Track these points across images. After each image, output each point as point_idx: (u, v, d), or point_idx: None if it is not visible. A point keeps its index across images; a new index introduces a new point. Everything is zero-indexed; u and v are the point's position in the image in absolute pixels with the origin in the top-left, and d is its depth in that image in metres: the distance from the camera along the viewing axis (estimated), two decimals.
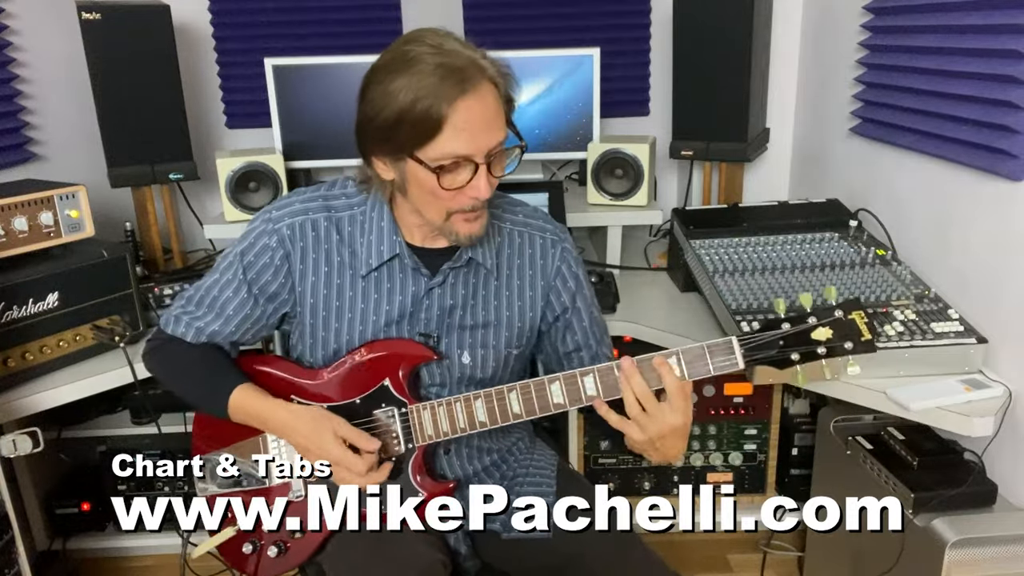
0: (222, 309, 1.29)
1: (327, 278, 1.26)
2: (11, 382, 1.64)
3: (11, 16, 2.21)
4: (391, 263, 1.26)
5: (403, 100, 1.08)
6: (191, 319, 1.31)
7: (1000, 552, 1.38)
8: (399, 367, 1.25)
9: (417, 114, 1.08)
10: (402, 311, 1.27)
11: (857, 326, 1.14)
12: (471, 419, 1.23)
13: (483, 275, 1.30)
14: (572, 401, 1.20)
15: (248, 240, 1.27)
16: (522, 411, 1.21)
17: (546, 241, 1.34)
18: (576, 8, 2.55)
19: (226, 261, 1.28)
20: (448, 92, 1.07)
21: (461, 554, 1.35)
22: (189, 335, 1.31)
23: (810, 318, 1.15)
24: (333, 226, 1.26)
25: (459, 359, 1.29)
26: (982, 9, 1.58)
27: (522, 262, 1.33)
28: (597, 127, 2.31)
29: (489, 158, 1.13)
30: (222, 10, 2.52)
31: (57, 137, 2.35)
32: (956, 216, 1.69)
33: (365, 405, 1.26)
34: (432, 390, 1.30)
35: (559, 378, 1.20)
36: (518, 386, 1.21)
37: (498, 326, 1.31)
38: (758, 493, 2.18)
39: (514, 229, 1.33)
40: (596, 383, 1.18)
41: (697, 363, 1.16)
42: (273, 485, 1.29)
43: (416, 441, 1.25)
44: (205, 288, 1.30)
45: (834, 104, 2.24)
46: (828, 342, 1.15)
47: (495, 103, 1.13)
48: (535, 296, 1.34)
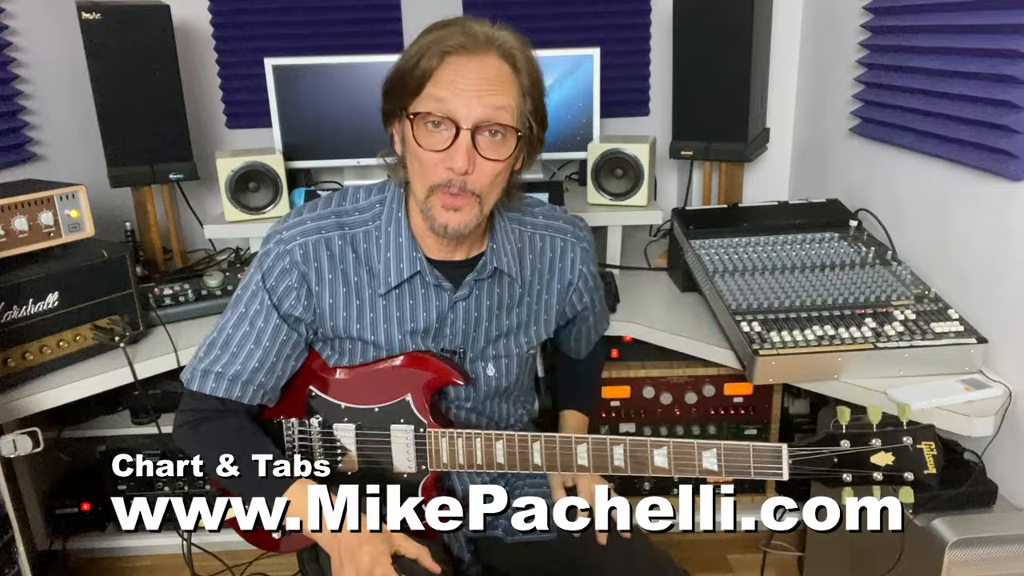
0: (257, 342, 1.20)
1: (346, 299, 1.20)
2: (11, 382, 1.64)
3: (11, 16, 2.20)
4: (412, 280, 1.21)
5: (410, 53, 1.10)
6: (220, 369, 1.21)
7: (1000, 552, 1.38)
8: (424, 385, 1.22)
9: (410, 65, 1.08)
10: (427, 327, 1.23)
11: (923, 457, 1.05)
12: (489, 459, 1.19)
13: (507, 284, 1.27)
14: (597, 467, 1.17)
15: (265, 265, 1.20)
16: (543, 464, 1.18)
17: (567, 244, 1.31)
18: (576, 8, 2.55)
19: (247, 293, 1.21)
20: (446, 47, 1.06)
21: (464, 561, 1.34)
22: (221, 389, 1.20)
23: (874, 440, 1.06)
24: (348, 244, 1.19)
25: (484, 373, 1.28)
26: (982, 9, 1.58)
27: (542, 267, 1.30)
28: (597, 127, 2.31)
29: (477, 129, 1.07)
30: (222, 10, 2.52)
31: (57, 137, 2.35)
32: (956, 216, 1.69)
33: (383, 415, 1.23)
34: (455, 404, 1.29)
35: (587, 440, 1.17)
36: (543, 438, 1.18)
37: (519, 332, 1.30)
38: (758, 493, 2.18)
39: (535, 233, 1.29)
40: (625, 456, 1.15)
41: (738, 462, 1.11)
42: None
43: (429, 465, 1.23)
44: (231, 327, 1.21)
45: (834, 104, 2.24)
46: (887, 468, 1.06)
47: (498, 76, 1.09)
48: (552, 299, 1.32)
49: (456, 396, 1.28)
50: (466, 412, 1.31)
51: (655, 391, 2.11)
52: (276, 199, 2.14)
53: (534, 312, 1.31)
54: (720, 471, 1.12)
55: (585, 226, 1.35)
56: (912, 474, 1.06)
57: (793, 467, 1.09)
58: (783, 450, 1.09)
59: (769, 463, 1.10)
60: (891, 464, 1.06)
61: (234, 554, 2.08)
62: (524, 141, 1.14)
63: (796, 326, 1.59)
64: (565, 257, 1.31)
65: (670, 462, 1.14)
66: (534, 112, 1.14)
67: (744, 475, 1.12)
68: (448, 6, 2.52)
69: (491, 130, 1.09)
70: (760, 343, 1.55)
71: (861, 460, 1.07)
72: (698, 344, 1.80)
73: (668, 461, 1.14)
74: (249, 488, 1.16)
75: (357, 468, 1.25)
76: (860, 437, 1.07)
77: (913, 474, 1.06)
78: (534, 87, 1.13)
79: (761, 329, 1.59)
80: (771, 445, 1.10)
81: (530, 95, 1.12)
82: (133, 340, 1.80)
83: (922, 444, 1.05)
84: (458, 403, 1.29)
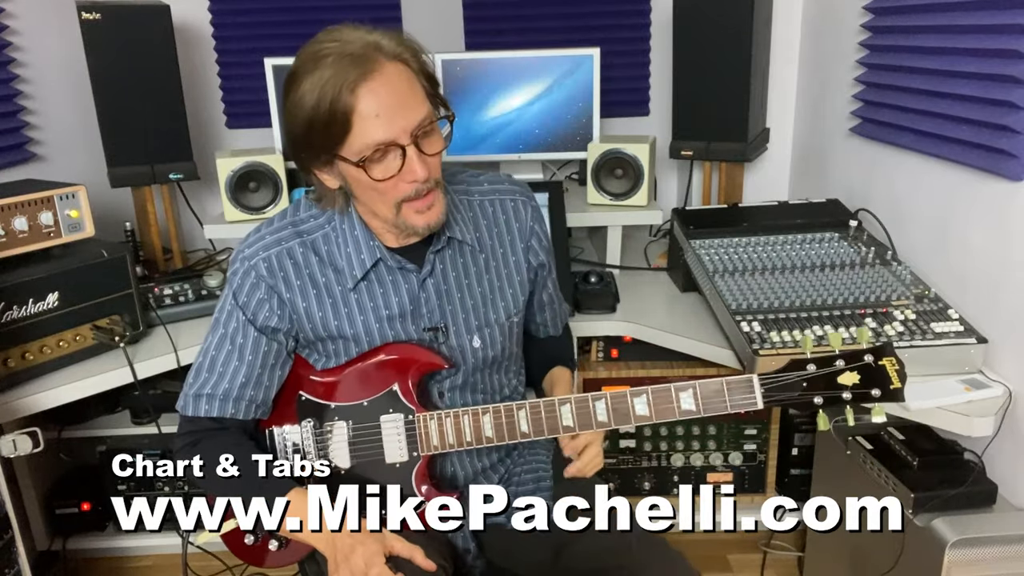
0: (240, 358, 1.23)
1: (319, 300, 1.24)
2: (11, 382, 1.64)
3: (11, 16, 2.20)
4: (376, 268, 1.24)
5: (309, 103, 1.06)
6: (210, 391, 1.24)
7: (1000, 552, 1.38)
8: (409, 372, 1.24)
9: (324, 114, 1.06)
10: (402, 311, 1.26)
11: (887, 373, 1.10)
12: (478, 434, 1.22)
13: (468, 252, 1.29)
14: (582, 425, 1.20)
15: (235, 284, 1.24)
16: (530, 431, 1.21)
17: (517, 203, 1.33)
18: (576, 8, 2.55)
19: (224, 314, 1.25)
20: (348, 82, 1.05)
21: (470, 553, 1.34)
22: (214, 410, 1.24)
23: (837, 361, 1.12)
24: (309, 250, 1.23)
25: (470, 344, 1.29)
26: (982, 9, 1.58)
27: (499, 229, 1.32)
28: (597, 127, 2.31)
29: (415, 138, 1.10)
30: (222, 10, 2.52)
31: (57, 137, 2.35)
32: (956, 216, 1.69)
33: (372, 408, 1.25)
34: (448, 382, 1.30)
35: (570, 400, 1.20)
36: (528, 404, 1.20)
37: (495, 299, 1.31)
38: (758, 493, 2.18)
39: (483, 199, 1.32)
40: (608, 410, 1.18)
41: (714, 399, 1.15)
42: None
43: (421, 451, 1.24)
44: (213, 348, 1.25)
45: (834, 104, 2.24)
46: (854, 387, 1.11)
47: (405, 81, 1.10)
48: (519, 259, 1.33)
49: (446, 374, 1.29)
50: (460, 390, 1.31)
51: None
52: (276, 199, 2.14)
53: (504, 276, 1.32)
54: (698, 410, 1.15)
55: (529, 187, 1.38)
56: (879, 390, 1.11)
57: (766, 395, 1.13)
58: (754, 380, 1.13)
59: (743, 394, 1.14)
60: (857, 383, 1.11)
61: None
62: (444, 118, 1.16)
63: (796, 326, 1.59)
64: (520, 216, 1.33)
65: (650, 409, 1.18)
66: (431, 84, 1.15)
67: (721, 410, 1.15)
68: (448, 6, 2.53)
69: (425, 130, 1.12)
70: (760, 343, 1.55)
71: (829, 381, 1.12)
72: (698, 344, 1.80)
73: (648, 408, 1.18)
74: (250, 489, 1.17)
75: (350, 465, 1.25)
76: (824, 360, 1.12)
77: (880, 390, 1.11)
78: (422, 66, 1.14)
79: (761, 329, 1.59)
80: (742, 377, 1.14)
81: (423, 75, 1.14)
82: (133, 340, 1.80)
83: (884, 360, 1.11)
84: (451, 381, 1.30)
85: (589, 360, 2.13)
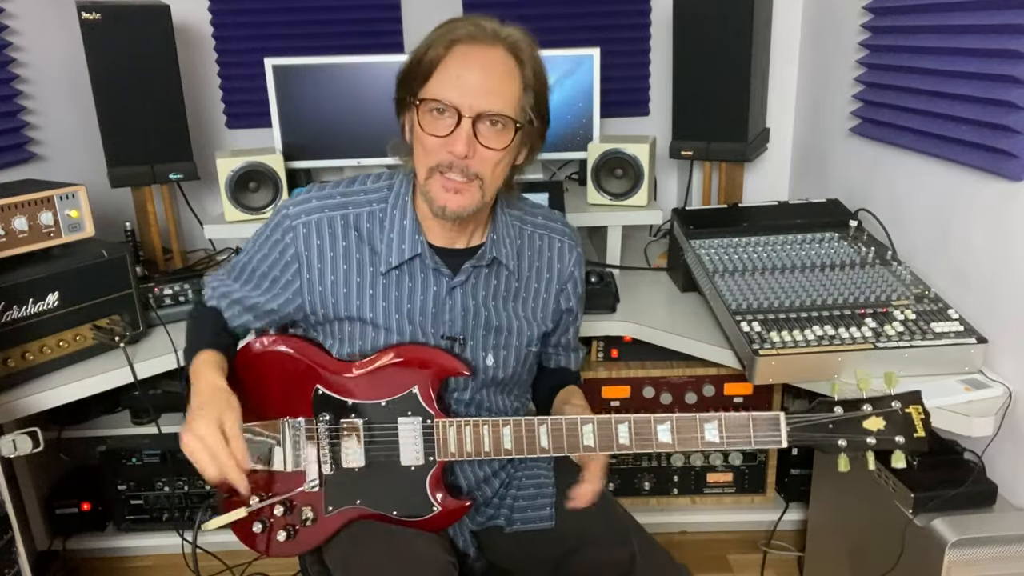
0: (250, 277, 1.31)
1: (346, 276, 1.25)
2: (11, 382, 1.64)
3: (11, 16, 2.21)
4: (412, 262, 1.25)
5: (420, 45, 1.15)
6: (219, 285, 1.36)
7: (1000, 552, 1.38)
8: (430, 377, 1.24)
9: (420, 54, 1.14)
10: (423, 310, 1.26)
11: (912, 421, 1.10)
12: (497, 445, 1.22)
13: (504, 276, 1.30)
14: (603, 447, 1.20)
15: (267, 231, 1.28)
16: (550, 447, 1.21)
17: (564, 245, 1.36)
18: (576, 8, 2.55)
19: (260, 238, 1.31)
20: (452, 38, 1.12)
21: (470, 555, 1.35)
22: (213, 299, 1.35)
23: (865, 406, 1.12)
24: (350, 225, 1.24)
25: (483, 362, 1.29)
26: (982, 9, 1.58)
27: (541, 265, 1.34)
28: (597, 127, 2.31)
29: (478, 119, 1.11)
30: (222, 10, 2.52)
31: (57, 137, 2.35)
32: (956, 216, 1.69)
33: (390, 409, 1.24)
34: (455, 394, 1.30)
35: (592, 421, 1.19)
36: (549, 420, 1.20)
37: (520, 328, 1.31)
38: (758, 493, 2.17)
39: (535, 232, 1.34)
40: (630, 433, 1.18)
41: (739, 433, 1.15)
42: (289, 472, 1.26)
43: (437, 456, 1.24)
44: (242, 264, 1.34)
45: (834, 104, 2.24)
46: (879, 433, 1.11)
47: (502, 67, 1.14)
48: (548, 298, 1.35)
49: (456, 386, 1.29)
50: (465, 403, 1.31)
51: (655, 391, 2.11)
52: (276, 199, 2.14)
53: (530, 308, 1.33)
54: (721, 443, 1.14)
55: (577, 232, 1.41)
56: (903, 438, 1.10)
57: (791, 434, 1.13)
58: (781, 418, 1.13)
59: (768, 432, 1.14)
60: (882, 429, 1.11)
61: (234, 554, 2.08)
62: (524, 133, 1.17)
63: (796, 326, 1.59)
64: (564, 258, 1.35)
65: (673, 437, 1.17)
66: (536, 107, 1.18)
67: (745, 445, 1.14)
68: (448, 6, 2.52)
69: (492, 120, 1.13)
70: (760, 343, 1.55)
71: (854, 425, 1.11)
72: (698, 344, 1.80)
73: (672, 436, 1.17)
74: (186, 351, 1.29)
75: (365, 463, 1.25)
76: (852, 404, 1.12)
77: (904, 438, 1.10)
78: (537, 82, 1.17)
79: (761, 329, 1.59)
80: (769, 414, 1.13)
81: (533, 89, 1.16)
82: (133, 340, 1.80)
83: (910, 408, 1.11)
84: (457, 393, 1.30)
85: (589, 360, 2.13)
